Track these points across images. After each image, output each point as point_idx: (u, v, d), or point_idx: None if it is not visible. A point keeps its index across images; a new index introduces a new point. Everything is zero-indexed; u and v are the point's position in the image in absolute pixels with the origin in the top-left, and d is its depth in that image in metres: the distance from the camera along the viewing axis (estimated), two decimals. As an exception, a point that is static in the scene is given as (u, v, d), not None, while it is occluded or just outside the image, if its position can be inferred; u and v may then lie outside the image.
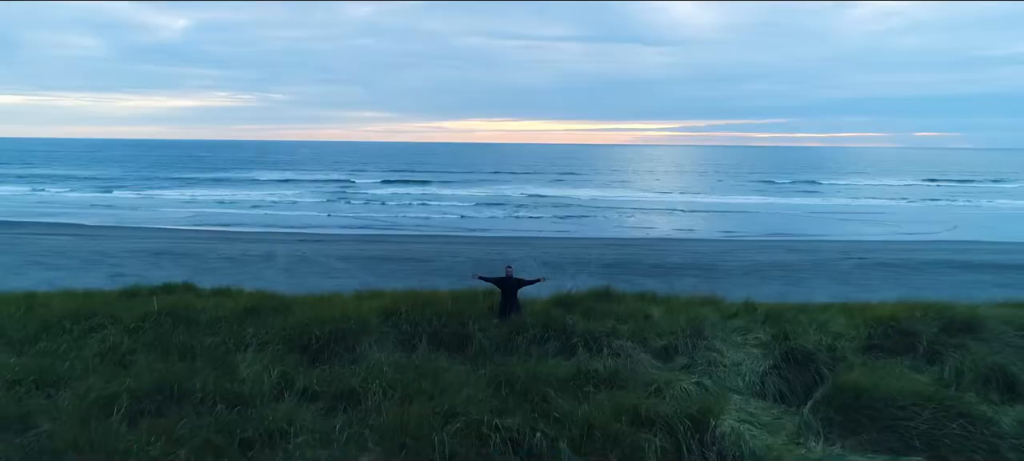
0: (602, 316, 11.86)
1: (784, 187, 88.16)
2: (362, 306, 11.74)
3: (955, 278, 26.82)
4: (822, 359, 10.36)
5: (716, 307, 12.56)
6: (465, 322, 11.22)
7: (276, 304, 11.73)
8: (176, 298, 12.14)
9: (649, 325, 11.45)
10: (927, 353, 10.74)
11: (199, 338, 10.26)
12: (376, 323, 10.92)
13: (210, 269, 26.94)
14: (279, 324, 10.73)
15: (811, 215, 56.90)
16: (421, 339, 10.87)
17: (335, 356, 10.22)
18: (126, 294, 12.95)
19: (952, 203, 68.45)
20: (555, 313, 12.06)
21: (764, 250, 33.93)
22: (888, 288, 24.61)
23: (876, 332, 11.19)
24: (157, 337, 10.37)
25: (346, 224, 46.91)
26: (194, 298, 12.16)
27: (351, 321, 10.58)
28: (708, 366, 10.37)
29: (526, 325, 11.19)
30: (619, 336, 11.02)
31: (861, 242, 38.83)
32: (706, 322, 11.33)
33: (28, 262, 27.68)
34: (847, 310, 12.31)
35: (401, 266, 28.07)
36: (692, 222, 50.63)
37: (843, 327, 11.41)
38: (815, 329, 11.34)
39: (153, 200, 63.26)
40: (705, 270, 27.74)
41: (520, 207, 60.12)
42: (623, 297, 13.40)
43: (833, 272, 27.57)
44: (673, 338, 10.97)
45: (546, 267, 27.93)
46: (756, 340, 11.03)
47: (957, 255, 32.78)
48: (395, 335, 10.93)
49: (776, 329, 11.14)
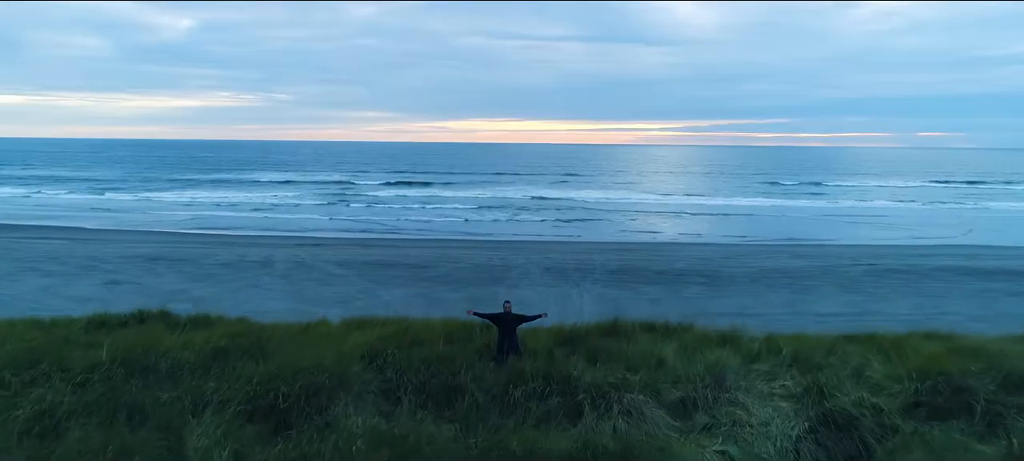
0: (610, 358, 10.71)
1: (789, 189, 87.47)
2: (346, 341, 10.74)
3: (967, 286, 26.21)
4: (867, 425, 9.11)
5: (735, 346, 11.33)
6: (457, 371, 9.92)
7: (250, 343, 10.39)
8: (140, 334, 10.92)
9: (663, 372, 10.25)
10: (986, 415, 9.38)
11: (154, 393, 9.06)
12: (357, 372, 9.77)
13: (206, 275, 26.46)
14: (247, 375, 9.40)
15: (818, 218, 56.23)
16: (406, 391, 9.62)
17: (305, 418, 9.01)
18: (94, 324, 12.08)
19: (960, 205, 67.73)
20: (558, 355, 10.88)
21: (771, 255, 33.32)
22: (900, 297, 24.04)
23: (923, 387, 9.78)
24: (106, 393, 9.07)
25: (346, 227, 46.38)
26: (162, 333, 11.00)
27: (326, 373, 9.29)
28: (732, 426, 9.16)
29: (525, 375, 9.84)
30: (630, 388, 9.77)
31: (869, 247, 38.21)
32: (727, 368, 10.16)
33: (22, 268, 27.19)
34: (879, 347, 11.09)
35: (401, 272, 27.53)
36: (697, 225, 50.02)
37: (881, 376, 10.14)
38: (850, 377, 10.15)
39: (152, 202, 62.79)
40: (711, 277, 27.15)
41: (523, 210, 59.53)
42: (632, 330, 12.16)
43: (843, 279, 26.95)
44: (690, 388, 9.77)
45: (549, 274, 27.40)
46: (784, 389, 9.91)
47: (968, 261, 32.15)
48: (378, 384, 9.69)
49: (807, 379, 9.96)
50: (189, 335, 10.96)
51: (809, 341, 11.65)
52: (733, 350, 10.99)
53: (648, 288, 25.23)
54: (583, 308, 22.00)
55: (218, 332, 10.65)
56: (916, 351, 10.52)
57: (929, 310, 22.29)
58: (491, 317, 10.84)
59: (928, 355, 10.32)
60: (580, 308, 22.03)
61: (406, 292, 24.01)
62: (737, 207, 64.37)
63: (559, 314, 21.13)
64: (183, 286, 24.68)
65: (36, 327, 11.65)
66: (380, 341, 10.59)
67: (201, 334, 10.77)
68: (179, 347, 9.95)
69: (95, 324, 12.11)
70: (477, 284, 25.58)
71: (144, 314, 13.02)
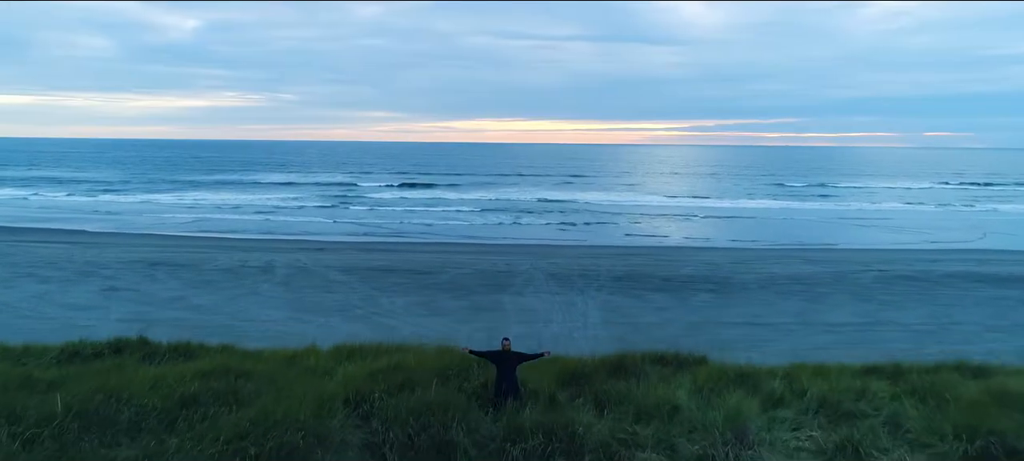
0: (618, 402, 9.66)
1: (797, 190, 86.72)
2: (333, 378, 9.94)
3: (979, 293, 25.65)
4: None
5: (754, 385, 10.23)
6: (449, 423, 8.83)
7: (225, 387, 9.23)
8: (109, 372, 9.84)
9: (677, 422, 9.22)
10: None
11: (110, 450, 7.98)
12: (338, 424, 8.72)
13: (205, 282, 26.07)
14: (215, 430, 8.32)
15: (826, 221, 55.60)
16: (392, 447, 8.57)
17: None
18: (67, 353, 11.31)
19: (970, 208, 66.92)
20: (561, 399, 9.89)
21: (780, 260, 32.76)
22: (913, 306, 23.48)
23: (973, 450, 8.58)
24: (56, 452, 7.96)
25: (349, 230, 45.99)
26: (135, 369, 10.10)
27: (303, 431, 8.23)
28: None
29: (524, 430, 8.80)
30: (641, 444, 8.76)
31: (880, 251, 37.60)
32: (748, 419, 9.06)
33: (20, 274, 26.85)
34: (912, 386, 10.06)
35: (402, 279, 27.08)
36: (704, 229, 49.45)
37: (921, 428, 8.98)
38: (885, 428, 9.05)
39: (156, 205, 62.55)
40: (719, 284, 26.62)
41: (528, 212, 59.04)
42: (641, 364, 11.18)
43: (854, 286, 26.39)
44: (709, 443, 8.70)
45: (554, 280, 26.91)
46: (812, 442, 8.88)
47: (980, 266, 31.55)
48: (361, 438, 8.70)
49: (839, 433, 8.87)
50: (166, 368, 10.20)
51: (832, 374, 10.74)
52: (751, 391, 10.05)
53: (655, 296, 24.71)
54: (588, 317, 21.53)
55: (194, 369, 9.75)
56: (955, 395, 9.66)
57: (942, 320, 21.76)
58: (489, 355, 9.99)
59: (970, 403, 9.33)
60: (585, 317, 21.55)
61: (407, 301, 23.55)
62: (744, 209, 63.77)
63: (565, 324, 20.74)
64: (182, 293, 24.28)
65: (3, 357, 10.94)
66: (369, 380, 9.70)
67: (177, 369, 9.97)
68: (148, 389, 9.04)
69: (68, 354, 11.33)
70: (480, 291, 25.11)
71: (121, 343, 12.04)
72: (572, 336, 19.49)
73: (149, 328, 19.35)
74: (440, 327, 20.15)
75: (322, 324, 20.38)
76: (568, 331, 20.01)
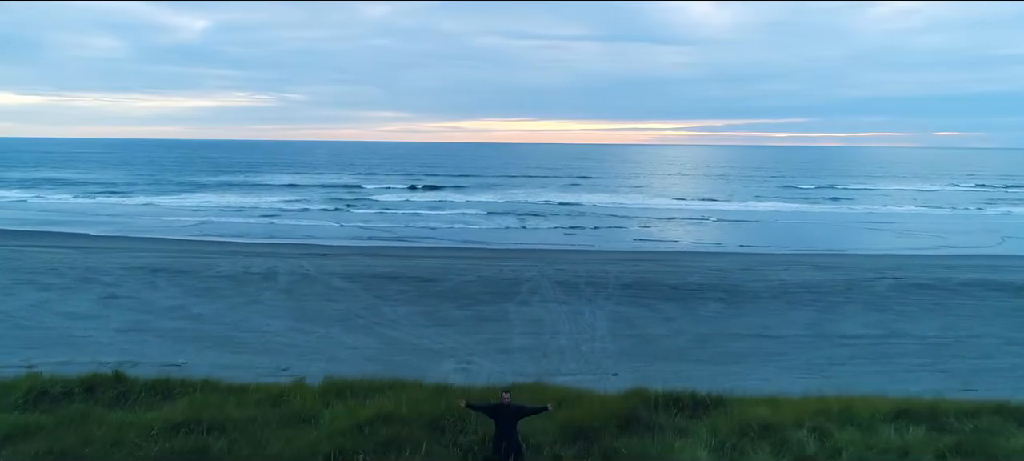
0: None
1: (808, 192, 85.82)
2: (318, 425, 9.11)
3: (997, 303, 25.04)
4: None
5: (782, 443, 8.95)
6: None
7: (193, 445, 8.19)
8: (72, 422, 8.96)
9: None
10: None
11: None
12: None
13: (207, 289, 25.67)
14: None
15: (838, 225, 54.87)
16: None
17: None
18: (33, 394, 10.21)
19: (982, 212, 65.99)
20: (566, 457, 9.03)
21: (790, 267, 32.13)
22: (928, 317, 22.87)
23: None
24: None
25: (354, 234, 45.57)
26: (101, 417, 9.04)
27: None
28: None
29: None
30: None
31: (894, 257, 36.90)
32: None
33: (19, 281, 26.53)
34: (955, 441, 8.82)
35: (406, 286, 26.61)
36: (713, 233, 48.85)
37: None
38: None
39: (161, 207, 62.33)
40: (729, 292, 26.05)
41: (534, 215, 58.51)
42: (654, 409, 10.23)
43: (868, 295, 25.76)
44: None
45: (561, 288, 26.40)
46: None
47: (996, 274, 30.87)
48: None
49: None
50: (137, 414, 9.30)
51: (862, 417, 9.67)
52: (778, 448, 8.86)
53: (663, 305, 24.17)
54: (596, 328, 21.00)
55: (163, 419, 8.81)
56: (1004, 451, 8.59)
57: (959, 332, 21.13)
58: (487, 409, 9.26)
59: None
60: (593, 328, 21.03)
61: (410, 309, 23.07)
62: (753, 212, 63.08)
63: (572, 336, 20.21)
64: (182, 302, 23.88)
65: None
66: (354, 433, 8.78)
67: (148, 416, 9.09)
68: (109, 445, 8.03)
69: (35, 394, 10.23)
70: (485, 300, 24.61)
71: (95, 379, 11.06)
72: (579, 349, 18.99)
73: (145, 340, 19.11)
74: (443, 339, 19.70)
75: (322, 336, 19.95)
76: (575, 343, 19.50)
